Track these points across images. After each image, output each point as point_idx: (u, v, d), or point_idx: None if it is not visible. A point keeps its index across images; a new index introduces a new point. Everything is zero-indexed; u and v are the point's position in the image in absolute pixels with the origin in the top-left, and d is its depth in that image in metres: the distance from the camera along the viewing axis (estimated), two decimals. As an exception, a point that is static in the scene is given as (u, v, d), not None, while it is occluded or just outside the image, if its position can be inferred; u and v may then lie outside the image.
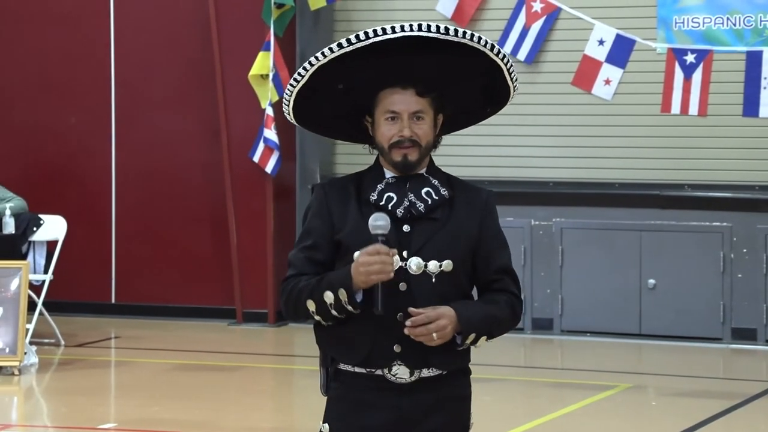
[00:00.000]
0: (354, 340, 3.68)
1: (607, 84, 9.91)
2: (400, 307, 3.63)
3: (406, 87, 3.69)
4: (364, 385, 3.69)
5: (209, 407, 8.61)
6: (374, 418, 3.68)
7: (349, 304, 3.60)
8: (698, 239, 10.98)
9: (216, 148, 11.74)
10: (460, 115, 3.89)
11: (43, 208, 11.06)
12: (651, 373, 9.87)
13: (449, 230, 3.70)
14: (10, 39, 12.35)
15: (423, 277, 3.66)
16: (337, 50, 3.65)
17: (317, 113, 3.81)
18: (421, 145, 3.73)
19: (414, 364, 3.67)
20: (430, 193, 3.73)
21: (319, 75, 3.69)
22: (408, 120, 3.70)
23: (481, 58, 3.71)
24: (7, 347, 9.49)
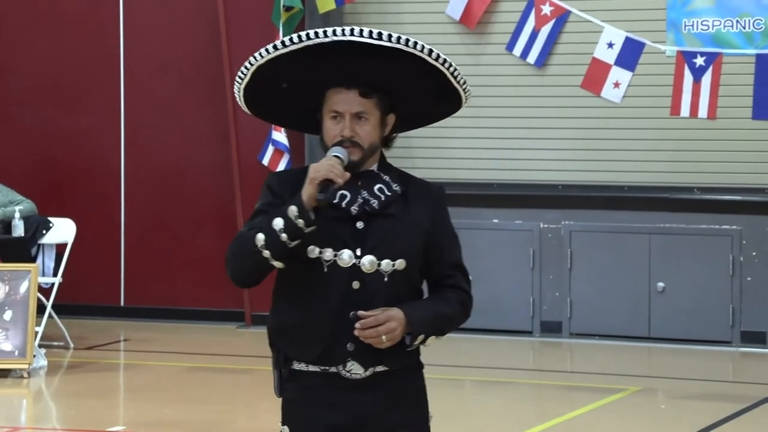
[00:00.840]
0: (308, 338, 3.69)
1: (617, 87, 9.90)
2: (354, 305, 3.65)
3: (350, 87, 3.70)
4: (320, 384, 3.69)
5: (218, 410, 8.62)
6: (332, 416, 3.68)
7: (299, 218, 3.58)
8: (708, 242, 10.97)
9: (225, 150, 11.76)
10: (416, 115, 3.87)
11: (53, 210, 11.08)
12: (660, 377, 9.86)
13: (403, 226, 3.71)
14: (20, 41, 12.37)
15: (376, 276, 3.67)
16: (273, 51, 3.69)
17: (273, 106, 3.86)
18: (363, 146, 3.71)
19: (367, 363, 3.68)
20: (383, 189, 3.73)
21: (265, 73, 3.73)
22: (350, 120, 3.70)
23: (421, 63, 3.70)
24: (17, 350, 9.50)
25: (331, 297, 3.66)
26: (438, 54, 3.70)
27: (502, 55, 11.10)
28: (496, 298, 11.36)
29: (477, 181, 11.53)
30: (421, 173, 13.05)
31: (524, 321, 11.39)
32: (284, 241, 3.61)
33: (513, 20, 10.85)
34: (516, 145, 11.43)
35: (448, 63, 3.72)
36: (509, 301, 11.36)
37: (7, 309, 9.57)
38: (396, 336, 3.65)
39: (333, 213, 3.69)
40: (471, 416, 8.61)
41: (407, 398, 3.77)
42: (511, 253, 11.39)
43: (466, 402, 9.25)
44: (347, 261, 3.66)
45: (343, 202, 3.71)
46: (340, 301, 3.65)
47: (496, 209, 11.48)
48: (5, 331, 9.52)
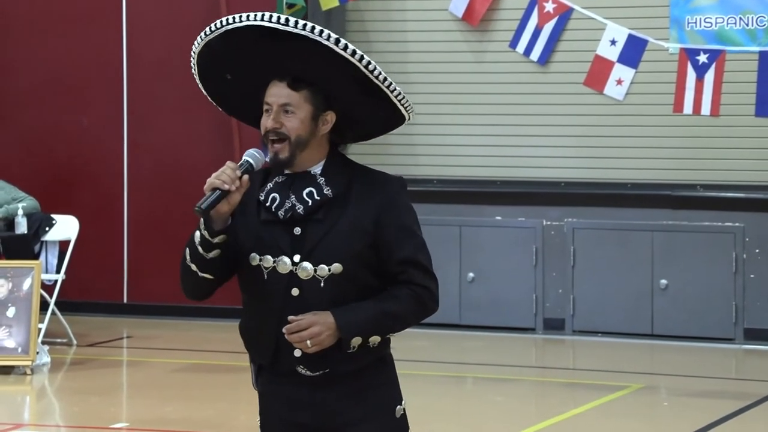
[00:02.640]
0: (259, 344, 3.72)
1: (619, 84, 9.90)
2: (294, 312, 3.61)
3: (281, 79, 3.64)
4: (283, 380, 3.70)
5: (221, 407, 8.62)
6: (297, 414, 3.70)
7: (206, 229, 3.60)
8: (710, 239, 10.97)
9: (228, 149, 11.76)
10: (364, 121, 3.74)
11: (56, 208, 11.09)
12: (663, 374, 9.86)
13: (340, 230, 3.63)
14: (23, 41, 12.37)
15: (313, 281, 3.62)
16: (199, 42, 3.70)
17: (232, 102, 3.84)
18: (290, 138, 3.64)
19: (315, 368, 3.67)
20: (312, 193, 3.65)
21: (210, 63, 3.73)
22: (276, 111, 3.65)
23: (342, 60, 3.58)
24: (20, 347, 9.51)
25: (272, 304, 3.65)
26: (346, 44, 3.58)
27: (504, 52, 11.09)
28: (498, 296, 11.36)
29: (480, 179, 11.52)
30: (424, 170, 13.06)
31: (527, 318, 11.39)
32: (201, 253, 3.64)
33: (516, 17, 10.85)
34: (519, 142, 11.43)
35: (359, 55, 3.57)
36: (512, 298, 11.36)
37: (11, 306, 9.58)
38: (323, 340, 3.59)
39: (265, 217, 3.67)
40: (474, 413, 8.62)
41: (370, 392, 3.72)
42: (513, 250, 11.39)
43: (469, 399, 9.26)
44: (285, 267, 3.63)
45: (273, 206, 3.68)
46: (281, 308, 3.63)
47: (499, 206, 11.47)
48: (8, 328, 9.53)
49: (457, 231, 11.46)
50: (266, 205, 3.69)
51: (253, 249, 3.67)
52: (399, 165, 11.48)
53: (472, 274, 11.46)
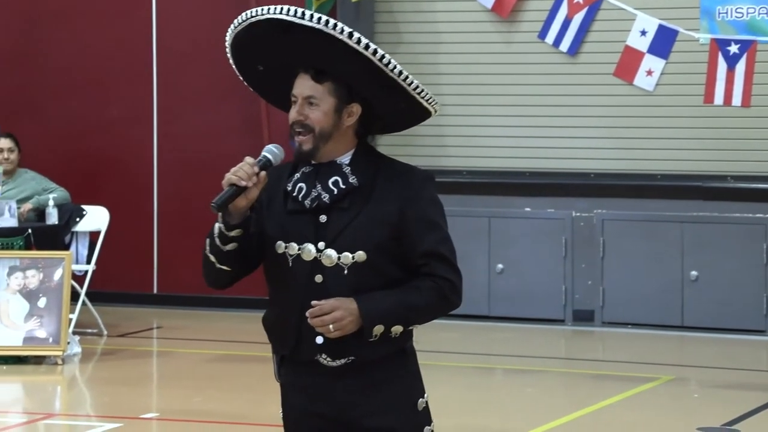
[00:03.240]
0: (282, 332, 3.75)
1: (650, 75, 9.87)
2: (317, 299, 3.63)
3: (306, 71, 3.69)
4: (304, 371, 3.72)
5: (251, 398, 8.65)
6: (315, 403, 3.72)
7: (221, 223, 3.64)
8: (741, 231, 10.92)
9: (257, 140, 11.77)
10: (389, 114, 3.76)
11: (86, 199, 11.13)
12: (693, 365, 9.83)
13: (364, 219, 3.65)
14: (54, 32, 12.43)
15: (337, 269, 3.65)
16: (229, 34, 3.79)
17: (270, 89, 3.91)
18: (314, 129, 3.68)
19: (337, 355, 3.68)
20: (338, 182, 3.68)
21: (243, 55, 3.81)
22: (301, 104, 3.71)
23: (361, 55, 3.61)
24: (51, 337, 9.56)
25: (296, 291, 3.68)
26: (359, 38, 3.60)
27: (534, 43, 11.07)
28: (528, 287, 11.34)
29: (509, 170, 11.50)
30: (453, 162, 13.05)
31: (556, 310, 11.38)
32: (219, 246, 3.67)
33: (545, 8, 10.82)
34: (548, 133, 11.40)
35: (371, 47, 3.59)
36: (541, 289, 11.34)
37: (42, 296, 9.63)
38: (345, 326, 3.61)
39: (291, 207, 3.71)
40: (502, 405, 8.61)
41: (388, 385, 3.72)
42: (543, 241, 11.37)
43: (498, 390, 9.25)
44: (309, 255, 3.66)
45: (299, 195, 3.72)
46: (305, 295, 3.65)
47: (528, 198, 11.46)
48: (40, 318, 9.58)
49: (486, 222, 11.45)
50: (293, 195, 3.73)
51: (279, 237, 3.71)
52: (428, 156, 11.48)
53: (501, 266, 11.45)
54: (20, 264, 9.66)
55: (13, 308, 9.60)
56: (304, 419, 3.75)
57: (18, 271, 9.65)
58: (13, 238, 9.89)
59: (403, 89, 3.66)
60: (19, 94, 12.54)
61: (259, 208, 3.73)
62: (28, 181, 10.81)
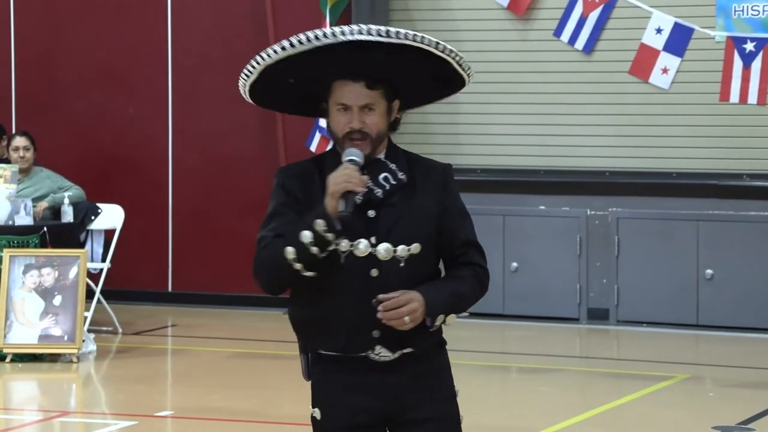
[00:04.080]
0: (332, 330, 3.77)
1: (665, 73, 9.84)
2: (373, 293, 3.71)
3: (356, 79, 3.77)
4: (347, 368, 3.78)
5: (265, 395, 8.65)
6: (363, 398, 3.77)
7: (329, 232, 3.66)
8: (757, 229, 10.89)
9: (272, 137, 11.79)
10: (418, 96, 3.95)
11: (101, 197, 11.15)
12: (708, 364, 9.80)
13: (412, 212, 3.78)
14: (70, 30, 12.45)
15: (393, 262, 3.73)
16: (281, 52, 3.73)
17: (275, 97, 3.93)
18: (372, 135, 3.78)
19: (394, 347, 3.76)
20: (388, 178, 3.79)
21: (270, 69, 3.80)
22: (358, 112, 3.77)
23: (426, 53, 3.76)
24: (66, 335, 9.58)
25: (350, 287, 3.73)
26: (444, 46, 3.74)
27: (549, 41, 11.05)
28: (543, 285, 11.33)
29: (524, 168, 11.49)
30: (468, 160, 13.05)
31: (571, 308, 11.36)
32: (315, 253, 3.69)
33: (561, 6, 10.80)
34: (563, 131, 11.39)
35: (453, 53, 3.76)
36: (556, 288, 11.33)
37: (57, 294, 9.65)
38: (418, 317, 3.70)
39: None
40: (517, 403, 8.60)
41: (431, 376, 3.83)
42: (557, 239, 11.36)
43: (513, 389, 9.24)
44: (363, 250, 3.72)
45: None
46: (360, 290, 3.72)
47: (543, 196, 11.44)
48: (55, 316, 9.60)
49: (500, 220, 11.44)
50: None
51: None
52: (443, 154, 11.47)
53: (516, 264, 11.43)
54: (36, 262, 9.68)
55: (28, 306, 9.62)
56: (347, 415, 3.79)
57: (33, 269, 9.67)
58: (28, 236, 9.91)
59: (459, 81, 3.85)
60: (36, 92, 12.56)
61: (297, 207, 3.79)
62: (43, 179, 10.83)
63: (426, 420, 3.79)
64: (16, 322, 9.57)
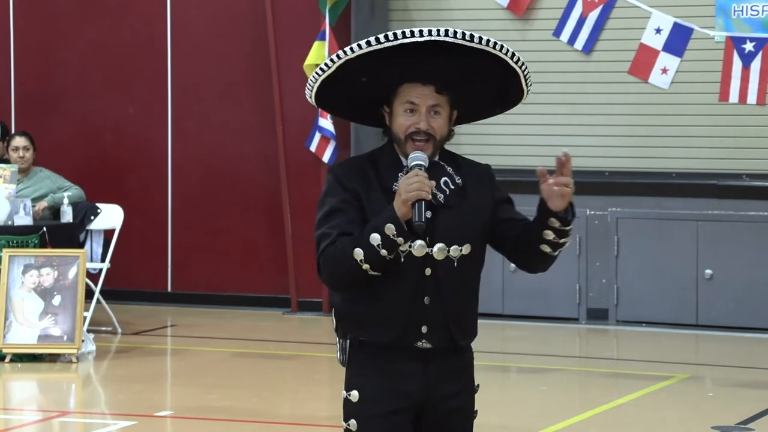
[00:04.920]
0: (384, 324, 3.91)
1: (664, 73, 9.85)
2: (426, 290, 3.88)
3: (426, 83, 3.90)
4: (389, 355, 3.93)
5: (265, 396, 8.65)
6: (402, 384, 3.92)
7: (399, 236, 3.79)
8: (756, 229, 10.89)
9: (271, 137, 11.78)
10: (470, 113, 4.11)
11: (101, 197, 11.15)
12: (708, 364, 9.81)
13: (467, 214, 3.95)
14: (70, 30, 12.44)
15: (446, 261, 3.90)
16: (366, 47, 3.85)
17: (337, 98, 4.04)
18: (436, 138, 3.94)
19: (437, 342, 3.92)
20: (448, 182, 3.96)
21: (345, 67, 3.90)
22: (426, 113, 3.92)
23: (498, 63, 3.93)
24: (65, 335, 9.58)
25: (406, 284, 3.88)
26: (518, 57, 3.92)
27: (549, 41, 11.05)
28: (542, 285, 11.33)
29: (523, 168, 11.49)
30: (468, 160, 12.83)
31: (571, 308, 11.36)
32: (384, 255, 3.83)
33: (560, 6, 10.81)
34: (563, 131, 11.39)
35: (524, 65, 3.95)
36: (556, 288, 11.33)
37: (56, 294, 9.65)
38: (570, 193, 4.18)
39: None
40: (517, 403, 8.60)
41: (463, 370, 4.02)
42: (557, 239, 11.34)
43: (513, 389, 9.24)
44: (420, 250, 3.86)
45: None
46: (414, 287, 3.89)
47: (543, 196, 11.42)
48: (54, 316, 9.60)
49: (500, 220, 11.43)
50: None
51: None
52: (442, 154, 11.47)
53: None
54: (35, 262, 9.68)
55: (27, 306, 9.62)
56: (386, 399, 3.92)
57: (33, 269, 9.67)
58: (28, 236, 9.91)
59: (514, 98, 4.10)
60: (35, 92, 12.56)
61: (359, 205, 3.90)
62: (43, 179, 10.83)
63: (457, 410, 3.98)
64: (15, 322, 9.57)
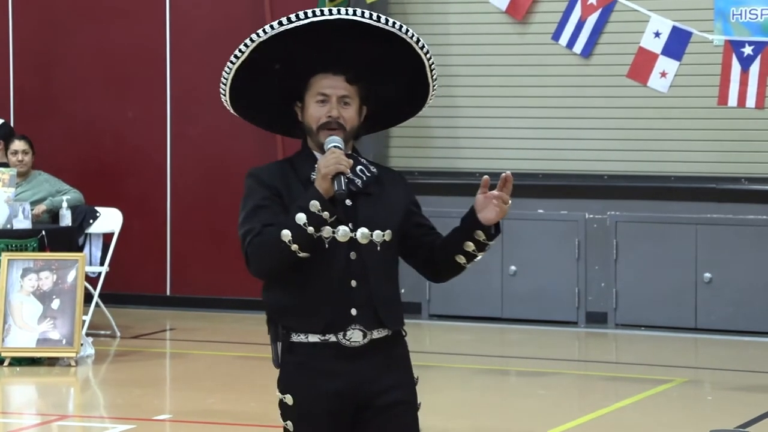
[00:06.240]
0: (314, 311, 3.95)
1: (663, 77, 9.84)
2: (352, 274, 3.94)
3: (336, 73, 3.98)
4: (320, 354, 3.95)
5: (264, 399, 8.65)
6: (334, 384, 3.94)
7: (324, 211, 3.86)
8: (755, 233, 10.89)
9: (270, 141, 11.78)
10: (382, 113, 4.14)
11: (100, 200, 11.15)
12: (707, 368, 9.81)
13: (385, 203, 4.04)
14: (69, 34, 12.45)
15: (370, 246, 3.97)
16: (278, 27, 3.96)
17: (250, 97, 4.19)
18: (346, 128, 3.99)
19: (368, 326, 3.95)
20: (363, 170, 4.03)
21: (259, 55, 4.00)
22: (336, 103, 3.98)
23: (410, 53, 4.03)
24: (64, 338, 9.57)
25: (333, 269, 3.94)
26: (424, 44, 4.00)
27: (547, 44, 11.05)
28: (541, 289, 11.33)
29: (522, 171, 11.49)
30: (466, 163, 13.03)
31: (570, 312, 11.36)
32: (311, 233, 3.88)
33: (559, 10, 10.80)
34: (561, 135, 11.39)
35: (430, 55, 4.02)
36: (554, 291, 11.33)
37: (55, 298, 9.65)
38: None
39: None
40: (516, 407, 8.60)
41: (397, 363, 4.04)
42: (556, 243, 11.36)
43: (512, 392, 9.24)
44: (344, 236, 3.94)
45: None
46: (341, 272, 3.94)
47: (541, 199, 11.44)
48: (53, 320, 9.60)
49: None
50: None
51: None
52: (442, 158, 11.47)
53: (515, 268, 11.43)
54: (34, 266, 9.68)
55: (26, 310, 9.62)
56: (321, 400, 3.95)
57: (32, 273, 9.67)
58: (26, 239, 9.91)
59: (421, 97, 4.11)
60: (34, 96, 12.56)
61: (281, 202, 3.96)
62: (41, 183, 10.83)
63: (397, 403, 3.98)
64: (14, 326, 9.57)
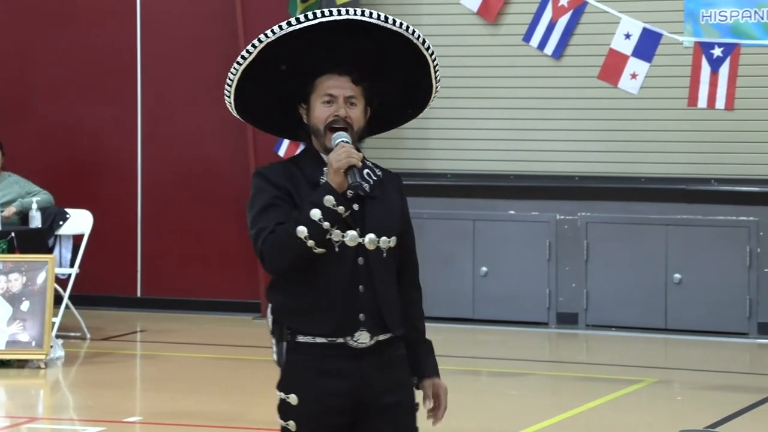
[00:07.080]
0: (322, 315, 3.95)
1: (634, 78, 9.88)
2: (359, 279, 3.94)
3: (342, 74, 3.98)
4: (325, 354, 3.95)
5: (236, 401, 8.63)
6: (340, 383, 3.95)
7: (339, 205, 3.86)
8: (725, 234, 10.94)
9: (242, 142, 11.77)
10: (383, 115, 4.13)
11: (70, 202, 11.11)
12: (677, 368, 9.85)
13: (388, 208, 4.03)
14: (40, 36, 12.40)
15: (377, 251, 3.96)
16: (287, 28, 3.95)
17: (255, 101, 4.12)
18: (353, 128, 3.98)
19: (374, 330, 3.96)
20: (370, 174, 4.02)
21: (264, 57, 3.98)
22: (343, 104, 3.97)
23: (413, 53, 4.05)
24: (34, 341, 9.53)
25: (341, 273, 3.93)
26: (429, 45, 4.01)
27: (519, 46, 11.07)
28: (512, 290, 11.35)
29: (493, 173, 11.51)
30: (437, 164, 13.05)
31: (541, 312, 11.39)
32: (326, 228, 3.87)
33: (530, 11, 10.82)
34: (533, 136, 11.41)
35: (435, 56, 4.04)
36: (525, 292, 11.35)
37: (25, 300, 9.60)
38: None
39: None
40: (488, 407, 8.62)
41: (398, 364, 4.06)
42: (527, 244, 11.38)
43: (483, 393, 9.26)
44: (352, 240, 3.92)
45: None
46: (349, 276, 3.94)
47: (512, 200, 11.46)
48: (23, 322, 9.55)
49: (470, 225, 11.45)
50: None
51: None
52: (413, 159, 11.48)
53: (486, 269, 11.45)
54: (3, 267, 9.63)
55: (-4, 311, 9.57)
56: (325, 399, 3.95)
57: (1, 275, 9.62)
58: (-4, 241, 9.86)
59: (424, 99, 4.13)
60: (4, 97, 12.51)
61: (291, 201, 3.94)
62: (11, 184, 10.79)
63: (397, 405, 4.00)
64: (-17, 328, 9.52)
